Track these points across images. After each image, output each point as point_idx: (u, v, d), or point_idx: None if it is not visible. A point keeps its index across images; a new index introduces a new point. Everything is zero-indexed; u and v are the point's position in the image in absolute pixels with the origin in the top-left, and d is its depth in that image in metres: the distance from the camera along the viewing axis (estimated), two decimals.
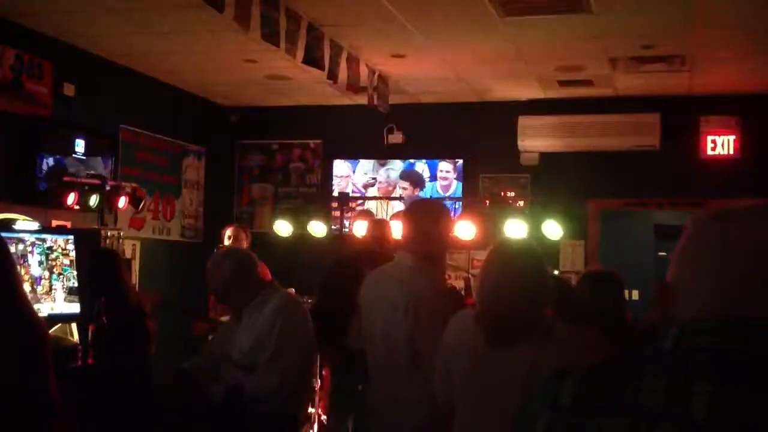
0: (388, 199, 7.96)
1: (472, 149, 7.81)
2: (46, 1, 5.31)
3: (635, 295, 7.38)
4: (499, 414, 2.20)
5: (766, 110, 7.15)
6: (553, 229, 6.78)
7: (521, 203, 7.42)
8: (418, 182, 8.02)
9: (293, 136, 8.40)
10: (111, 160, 6.55)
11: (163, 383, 4.09)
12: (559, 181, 7.48)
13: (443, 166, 7.97)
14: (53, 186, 5.79)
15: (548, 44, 5.88)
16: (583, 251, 7.51)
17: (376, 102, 6.62)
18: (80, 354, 4.88)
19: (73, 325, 5.25)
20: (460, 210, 7.61)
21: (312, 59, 5.36)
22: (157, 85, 7.36)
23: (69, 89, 6.22)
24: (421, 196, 7.80)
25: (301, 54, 5.25)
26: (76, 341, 5.11)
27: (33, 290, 4.81)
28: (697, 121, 7.30)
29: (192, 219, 8.02)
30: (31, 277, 4.85)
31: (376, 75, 6.59)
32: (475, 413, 2.71)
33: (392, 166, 8.12)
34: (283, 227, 7.64)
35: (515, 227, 6.62)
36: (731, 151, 7.22)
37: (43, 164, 5.85)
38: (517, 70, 6.63)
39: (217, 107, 8.35)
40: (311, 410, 5.86)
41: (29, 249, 4.86)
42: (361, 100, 6.67)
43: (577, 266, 7.29)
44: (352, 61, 6.06)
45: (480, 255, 7.34)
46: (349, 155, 8.19)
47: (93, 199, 5.98)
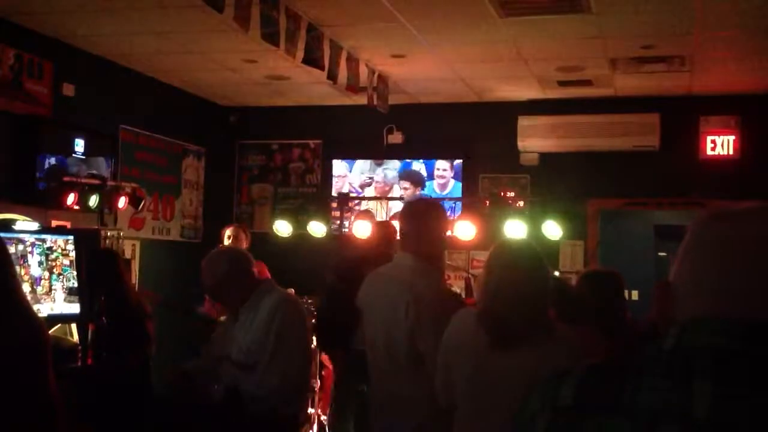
0: (388, 199, 7.95)
1: (471, 149, 7.81)
2: (46, 1, 5.30)
3: (635, 295, 7.38)
4: (500, 414, 2.20)
5: (766, 110, 7.14)
6: (553, 230, 6.78)
7: (521, 203, 7.40)
8: (418, 182, 8.01)
9: (293, 136, 8.39)
10: (111, 160, 6.55)
11: (163, 383, 4.09)
12: (558, 181, 7.48)
13: (440, 165, 7.96)
14: (53, 186, 5.79)
15: (548, 44, 5.88)
16: (582, 251, 7.51)
17: (375, 102, 6.62)
18: (80, 354, 4.89)
19: (73, 325, 5.25)
20: (459, 210, 7.60)
21: (312, 59, 5.36)
22: (157, 85, 7.36)
23: (69, 89, 6.22)
24: (422, 196, 7.78)
25: (300, 54, 5.25)
26: (76, 341, 5.11)
27: (33, 291, 4.81)
28: (696, 121, 7.30)
29: (192, 219, 8.02)
30: (31, 277, 4.85)
31: (375, 75, 6.59)
32: (477, 413, 2.71)
33: (389, 166, 8.11)
34: (283, 227, 7.63)
35: (515, 227, 6.61)
36: (731, 151, 7.21)
37: (43, 164, 5.85)
38: (517, 70, 6.63)
39: (216, 107, 8.35)
40: (311, 410, 5.86)
41: (29, 249, 4.86)
42: (361, 100, 6.67)
43: (577, 266, 7.28)
44: (352, 62, 6.06)
45: (480, 255, 7.35)
46: (348, 155, 8.18)
47: (93, 200, 5.98)
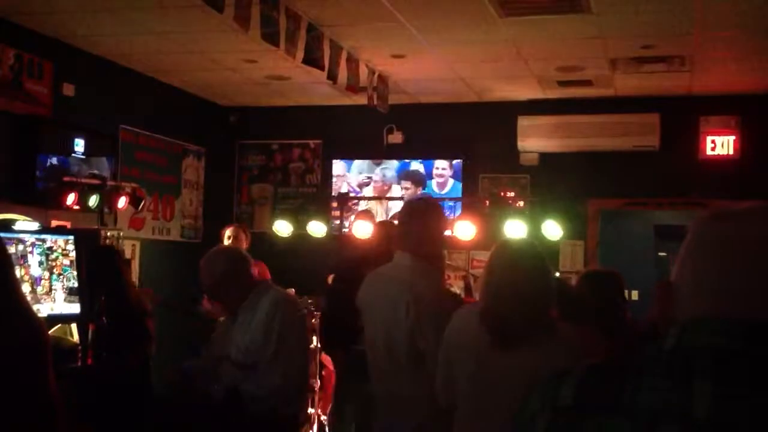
0: (388, 199, 7.95)
1: (471, 149, 7.81)
2: (46, 1, 5.30)
3: (635, 295, 7.37)
4: (501, 413, 2.20)
5: (766, 110, 7.14)
6: (553, 229, 6.78)
7: (521, 203, 7.41)
8: (419, 181, 8.01)
9: (293, 136, 8.39)
10: (111, 161, 6.55)
11: (163, 383, 4.09)
12: (558, 181, 7.48)
13: (439, 164, 7.96)
14: (53, 186, 5.79)
15: (548, 44, 5.88)
16: (582, 251, 7.51)
17: (375, 102, 6.62)
18: (80, 354, 4.89)
19: (73, 325, 5.25)
20: (459, 210, 7.60)
21: (312, 59, 5.36)
22: (157, 85, 7.36)
23: (69, 89, 6.22)
24: (423, 195, 7.78)
25: (300, 54, 5.25)
26: (76, 341, 5.11)
27: (33, 290, 4.80)
28: (696, 121, 7.30)
29: (192, 219, 8.02)
30: (31, 277, 4.85)
31: (375, 75, 6.59)
32: (477, 412, 2.71)
33: (387, 165, 8.11)
34: (283, 227, 7.63)
35: (515, 227, 6.61)
36: (731, 151, 7.21)
37: (43, 164, 5.85)
38: (517, 70, 6.63)
39: (216, 107, 8.35)
40: (311, 410, 5.86)
41: (29, 249, 4.85)
42: (361, 100, 6.67)
43: (577, 266, 7.28)
44: (352, 62, 6.06)
45: (480, 255, 7.35)
46: (348, 155, 8.18)
47: (93, 200, 5.98)
